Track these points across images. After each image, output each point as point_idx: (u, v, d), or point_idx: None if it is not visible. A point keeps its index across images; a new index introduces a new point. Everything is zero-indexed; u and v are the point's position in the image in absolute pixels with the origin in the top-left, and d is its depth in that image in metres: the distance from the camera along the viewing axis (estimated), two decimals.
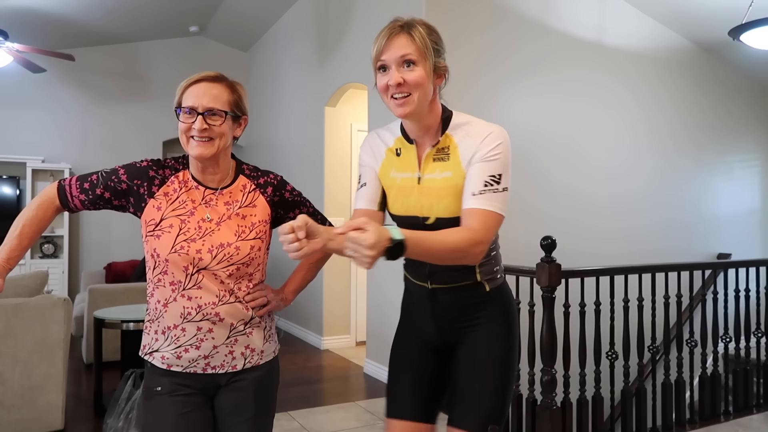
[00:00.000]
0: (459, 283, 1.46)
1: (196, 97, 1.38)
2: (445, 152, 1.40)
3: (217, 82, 1.42)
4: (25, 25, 5.67)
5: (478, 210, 1.32)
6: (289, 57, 6.05)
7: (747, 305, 3.77)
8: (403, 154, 1.46)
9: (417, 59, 1.33)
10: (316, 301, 5.41)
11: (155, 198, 1.44)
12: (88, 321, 4.33)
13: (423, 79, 1.33)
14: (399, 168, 1.46)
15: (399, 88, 1.33)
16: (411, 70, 1.33)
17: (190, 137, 1.39)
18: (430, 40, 1.36)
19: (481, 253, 1.30)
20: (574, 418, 3.05)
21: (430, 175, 1.41)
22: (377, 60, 1.36)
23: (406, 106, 1.34)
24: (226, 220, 1.45)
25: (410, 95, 1.33)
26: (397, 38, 1.35)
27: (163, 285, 1.43)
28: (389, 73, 1.34)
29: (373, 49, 1.38)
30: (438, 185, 1.39)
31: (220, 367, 1.44)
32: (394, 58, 1.34)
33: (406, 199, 1.44)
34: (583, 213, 4.51)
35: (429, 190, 1.40)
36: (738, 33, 3.26)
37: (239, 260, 1.43)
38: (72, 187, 1.47)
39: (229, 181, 1.49)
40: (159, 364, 1.44)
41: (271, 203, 1.51)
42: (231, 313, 1.43)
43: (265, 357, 1.52)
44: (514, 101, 4.16)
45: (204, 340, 1.42)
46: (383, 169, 1.49)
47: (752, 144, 5.74)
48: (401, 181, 1.45)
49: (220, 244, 1.41)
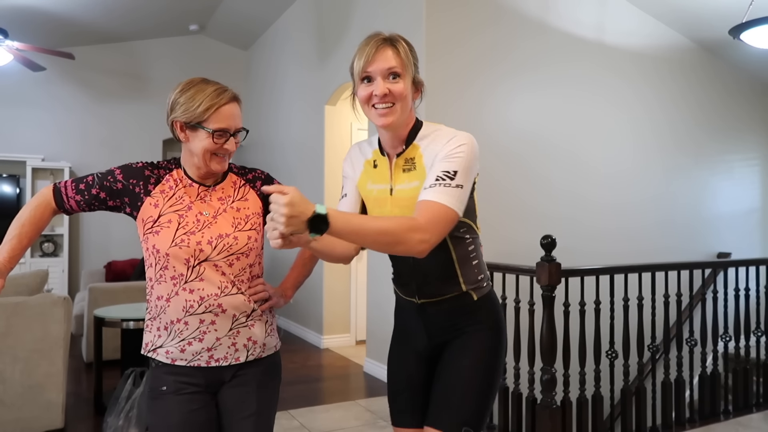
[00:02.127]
0: (446, 295, 1.48)
1: (229, 119, 1.44)
2: (412, 162, 1.44)
3: (237, 102, 1.48)
4: (25, 24, 5.67)
5: (424, 201, 1.31)
6: (289, 56, 6.04)
7: (747, 304, 3.77)
8: (379, 167, 1.51)
9: (401, 72, 1.39)
10: (316, 300, 5.41)
11: (152, 196, 1.47)
12: (88, 320, 4.34)
13: (405, 92, 1.40)
14: (375, 180, 1.51)
15: (384, 98, 1.38)
16: (396, 82, 1.39)
17: (213, 154, 1.46)
18: (411, 55, 1.42)
19: (421, 243, 1.25)
20: (574, 417, 3.05)
21: (400, 185, 1.45)
22: (363, 71, 1.40)
23: (389, 116, 1.39)
24: (222, 213, 1.50)
25: (394, 105, 1.39)
26: (383, 51, 1.39)
27: (164, 280, 1.44)
28: (374, 84, 1.39)
29: (356, 61, 1.41)
30: (407, 195, 1.43)
31: (223, 360, 1.46)
32: (380, 69, 1.39)
33: (381, 210, 1.49)
34: (582, 212, 4.51)
35: (400, 201, 1.44)
36: (738, 32, 3.25)
37: (238, 250, 1.47)
38: (68, 189, 1.49)
39: (220, 179, 1.55)
40: (163, 359, 1.46)
41: (262, 197, 1.56)
42: (233, 304, 1.45)
43: (267, 350, 1.54)
44: (514, 100, 4.16)
45: (207, 332, 1.44)
46: (361, 181, 1.55)
47: (752, 143, 5.74)
48: (377, 192, 1.50)
49: (219, 234, 1.45)
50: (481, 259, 1.54)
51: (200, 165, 1.48)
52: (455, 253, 1.46)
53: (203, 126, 1.42)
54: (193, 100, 1.42)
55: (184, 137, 1.46)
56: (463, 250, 1.48)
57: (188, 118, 1.42)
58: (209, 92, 1.42)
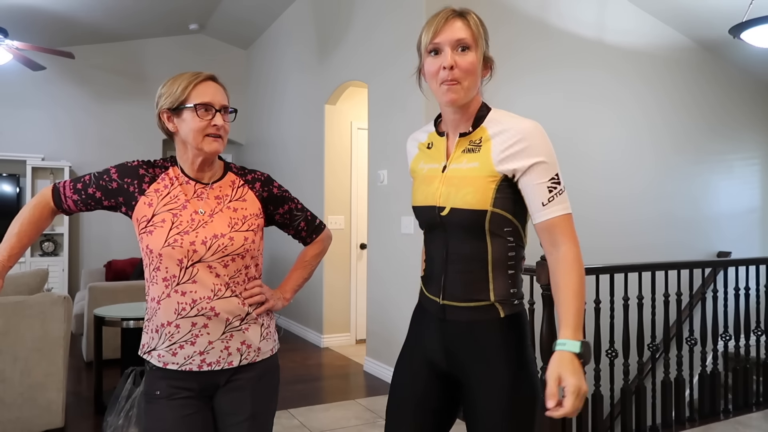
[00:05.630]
0: (470, 302, 1.36)
1: (212, 94, 1.42)
2: (477, 144, 1.37)
3: (217, 83, 1.47)
4: (25, 23, 5.67)
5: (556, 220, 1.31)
6: (289, 55, 6.04)
7: (747, 303, 3.77)
8: (434, 147, 1.46)
9: (471, 45, 1.33)
10: (316, 299, 5.41)
11: (146, 195, 1.45)
12: (88, 319, 4.34)
13: (474, 66, 1.34)
14: (428, 160, 1.47)
15: (451, 72, 1.32)
16: (465, 55, 1.33)
17: (206, 135, 1.42)
18: (482, 30, 1.37)
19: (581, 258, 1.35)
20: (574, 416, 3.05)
21: (456, 164, 1.38)
22: (431, 42, 1.34)
23: (454, 93, 1.33)
24: (219, 212, 1.46)
25: (459, 83, 1.33)
26: (453, 22, 1.33)
27: (156, 282, 1.43)
28: (442, 56, 1.33)
29: (424, 34, 1.36)
30: (461, 174, 1.36)
31: (216, 364, 1.43)
32: (449, 40, 1.32)
33: (427, 188, 1.42)
34: (582, 211, 4.50)
35: (451, 179, 1.37)
36: (738, 31, 3.25)
37: (234, 251, 1.43)
38: (66, 188, 1.49)
39: (218, 177, 1.52)
40: (156, 362, 1.44)
41: (261, 198, 1.54)
42: (226, 308, 1.43)
43: (262, 354, 1.50)
44: (514, 99, 4.16)
45: (199, 335, 1.41)
46: (414, 163, 1.52)
47: (752, 142, 5.74)
48: (427, 171, 1.45)
49: (213, 234, 1.42)
50: (519, 273, 1.41)
51: (195, 152, 1.44)
52: (491, 250, 1.35)
53: (186, 105, 1.41)
54: (173, 85, 1.43)
55: (173, 127, 1.44)
56: (501, 252, 1.36)
57: (171, 103, 1.42)
58: (186, 75, 1.44)
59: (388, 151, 4.22)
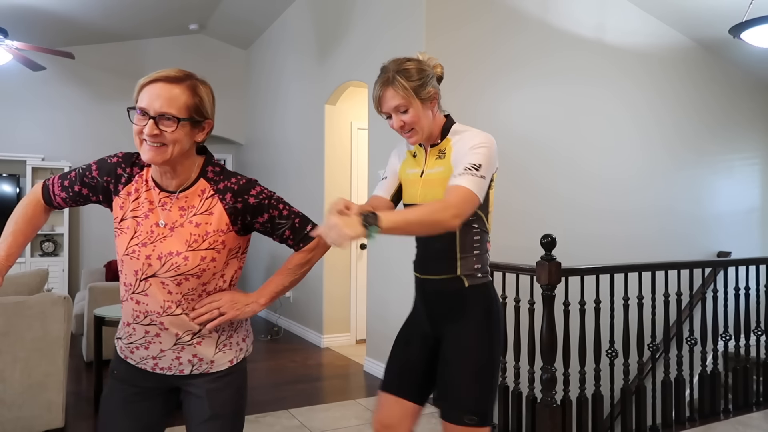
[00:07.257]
0: (442, 275, 1.71)
1: (150, 99, 1.28)
2: (443, 152, 1.72)
3: (176, 84, 1.30)
4: (24, 23, 5.67)
5: (455, 185, 1.55)
6: (289, 55, 6.04)
7: (747, 303, 3.77)
8: (418, 156, 1.80)
9: (406, 105, 1.64)
10: (316, 299, 5.41)
11: (119, 196, 1.42)
12: (88, 319, 4.34)
13: (417, 117, 1.65)
14: (411, 166, 1.81)
15: (402, 129, 1.67)
16: (406, 114, 1.65)
17: (142, 140, 1.31)
18: (410, 84, 1.62)
19: (455, 218, 1.47)
20: (574, 416, 3.05)
21: (429, 170, 1.73)
22: (379, 113, 1.70)
23: (415, 137, 1.69)
24: (179, 227, 1.36)
25: (414, 129, 1.67)
26: (385, 93, 1.64)
27: (122, 282, 1.43)
28: (392, 119, 1.68)
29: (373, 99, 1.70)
30: (434, 177, 1.71)
31: (167, 370, 1.44)
32: (389, 108, 1.66)
33: (412, 190, 1.77)
34: (582, 211, 4.50)
35: (427, 182, 1.72)
36: (738, 31, 3.25)
37: (187, 271, 1.34)
38: (54, 186, 1.48)
39: (188, 184, 1.38)
40: (119, 351, 1.49)
41: (231, 211, 1.37)
42: (176, 324, 1.38)
43: (217, 366, 1.44)
44: (513, 99, 4.15)
45: (152, 342, 1.41)
46: (402, 167, 1.85)
47: (752, 142, 5.74)
48: (411, 175, 1.79)
49: (168, 252, 1.34)
50: (484, 255, 1.74)
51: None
52: (459, 239, 1.68)
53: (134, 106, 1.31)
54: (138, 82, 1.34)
55: None
56: (467, 239, 1.69)
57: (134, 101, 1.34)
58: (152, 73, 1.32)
59: (388, 151, 4.20)
